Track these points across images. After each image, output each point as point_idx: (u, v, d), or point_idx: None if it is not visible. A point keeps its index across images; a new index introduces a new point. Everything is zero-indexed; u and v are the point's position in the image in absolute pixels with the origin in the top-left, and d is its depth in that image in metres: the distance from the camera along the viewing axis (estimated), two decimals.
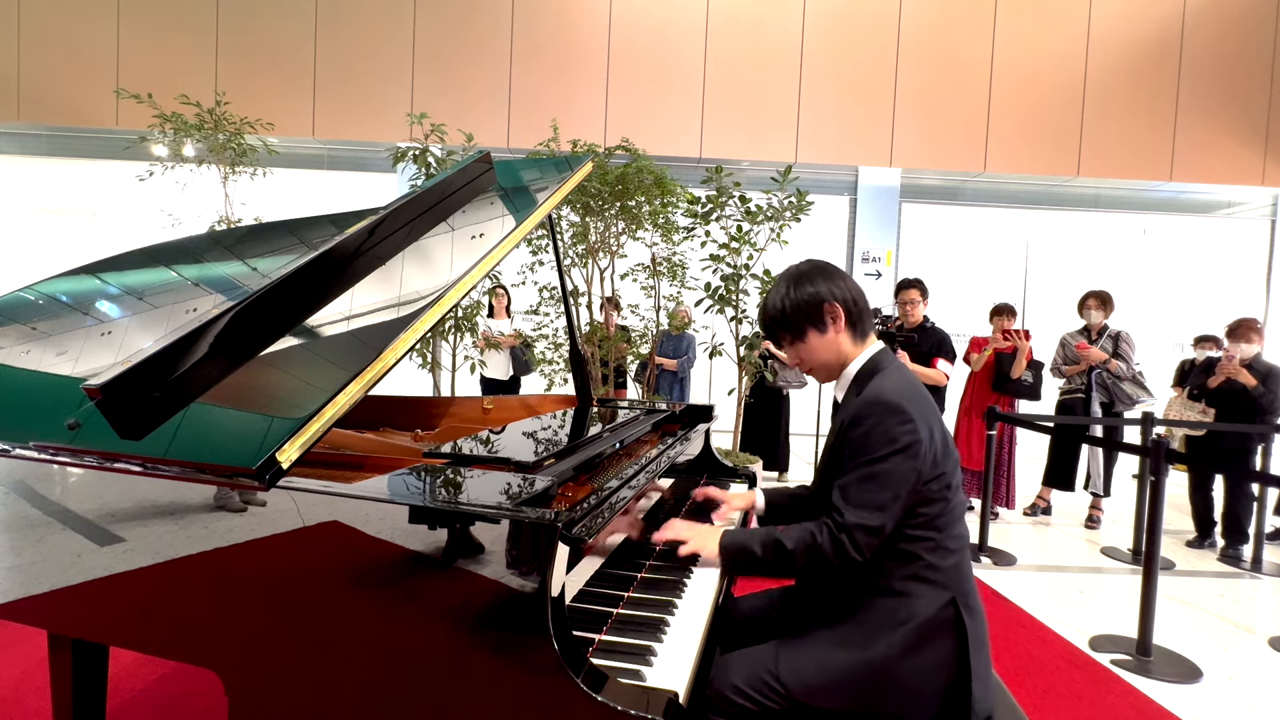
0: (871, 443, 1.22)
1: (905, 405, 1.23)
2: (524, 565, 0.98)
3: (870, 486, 1.21)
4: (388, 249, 1.60)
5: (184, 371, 1.15)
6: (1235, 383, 4.01)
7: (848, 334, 1.37)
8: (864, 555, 1.21)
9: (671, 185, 4.71)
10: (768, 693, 1.22)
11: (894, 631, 1.22)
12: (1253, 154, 7.42)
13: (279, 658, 1.09)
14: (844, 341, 1.37)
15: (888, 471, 1.21)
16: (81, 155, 7.61)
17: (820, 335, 1.36)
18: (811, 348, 1.38)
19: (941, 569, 1.24)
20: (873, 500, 1.21)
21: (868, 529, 1.21)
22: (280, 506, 1.09)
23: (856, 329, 1.37)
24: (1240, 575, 3.83)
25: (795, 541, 1.26)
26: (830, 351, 1.37)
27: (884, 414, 1.22)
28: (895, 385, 1.27)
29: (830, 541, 1.23)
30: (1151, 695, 2.39)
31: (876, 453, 1.22)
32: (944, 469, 1.26)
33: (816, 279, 1.36)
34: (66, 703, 1.48)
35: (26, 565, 1.30)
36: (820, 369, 1.41)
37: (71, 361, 1.52)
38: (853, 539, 1.21)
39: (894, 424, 1.22)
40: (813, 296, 1.35)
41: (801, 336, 1.38)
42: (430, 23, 7.15)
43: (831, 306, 1.34)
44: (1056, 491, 4.92)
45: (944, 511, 1.25)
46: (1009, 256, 8.09)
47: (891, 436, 1.21)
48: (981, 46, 7.30)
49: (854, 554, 1.21)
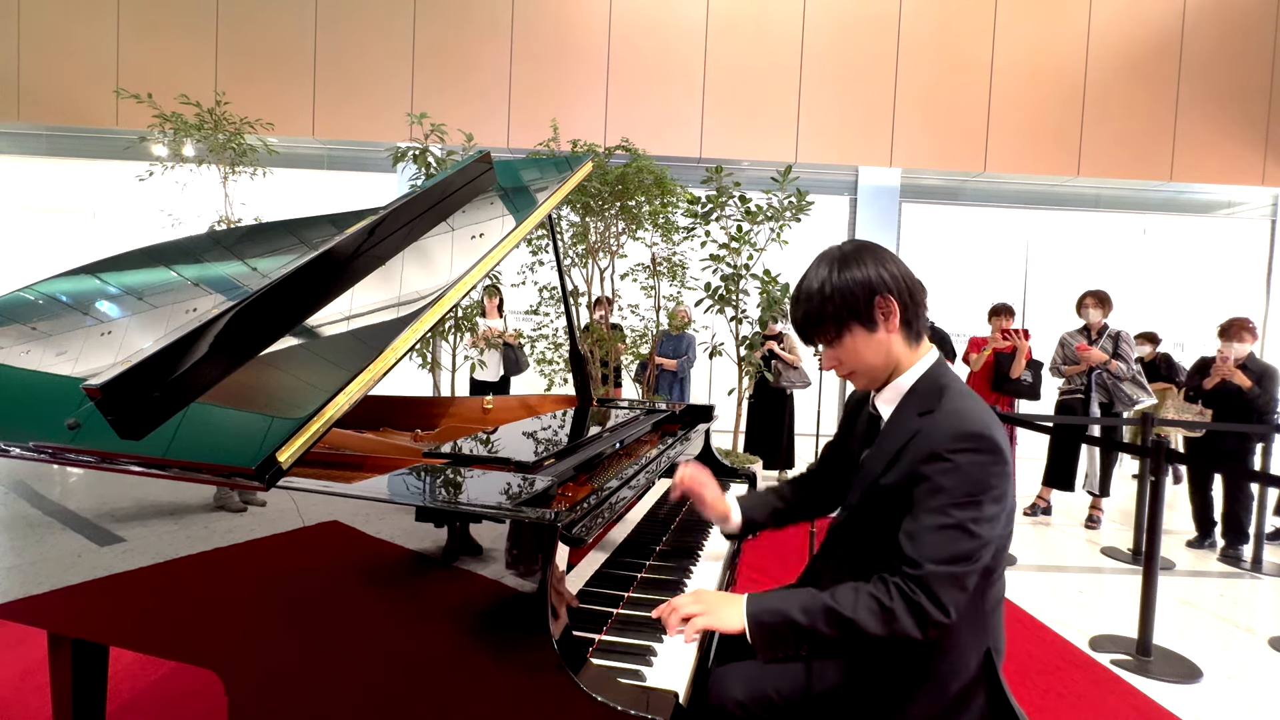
0: (960, 484, 0.99)
1: (1001, 443, 1.01)
2: (524, 565, 0.98)
3: (959, 535, 0.99)
4: (387, 249, 1.60)
5: (184, 371, 1.15)
6: (1230, 383, 4.01)
7: (901, 335, 1.11)
8: (950, 617, 0.98)
9: (671, 185, 4.71)
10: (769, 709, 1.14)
11: (931, 690, 1.08)
12: (1253, 154, 7.42)
13: (279, 658, 1.09)
14: (897, 344, 1.11)
15: (979, 521, 0.99)
16: (81, 155, 7.61)
17: (869, 334, 1.10)
18: (857, 349, 1.12)
19: (985, 621, 1.11)
20: (962, 551, 0.98)
21: (957, 581, 0.98)
22: (280, 506, 1.09)
23: (911, 329, 1.12)
24: (1240, 575, 3.83)
25: (853, 607, 1.00)
26: (880, 355, 1.11)
27: (982, 451, 1.00)
28: (980, 413, 1.04)
29: (906, 607, 0.98)
30: (1151, 695, 2.39)
31: (970, 498, 0.99)
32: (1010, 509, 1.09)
33: (866, 260, 1.10)
34: (66, 703, 1.48)
35: (26, 565, 1.30)
36: (864, 374, 1.15)
37: (71, 361, 1.52)
38: (937, 600, 0.97)
39: (992, 465, 1.00)
40: (862, 284, 1.08)
41: (844, 334, 1.11)
42: (430, 23, 7.15)
43: (885, 300, 1.09)
44: (1056, 491, 4.92)
45: (997, 563, 1.08)
46: (1009, 256, 8.09)
47: (988, 479, 1.00)
48: (982, 46, 7.30)
49: (938, 616, 0.97)
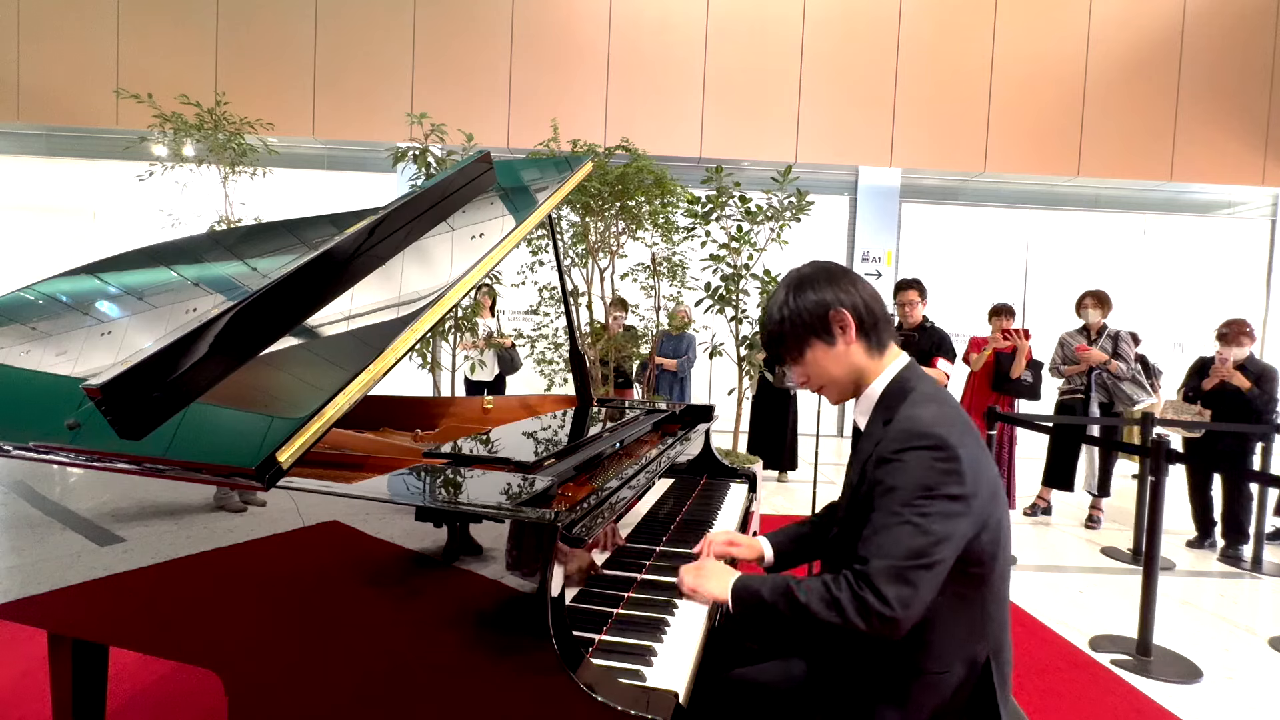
0: (906, 480, 1.03)
1: (950, 440, 1.03)
2: (524, 565, 0.98)
3: (904, 533, 1.01)
4: (387, 249, 1.60)
5: (184, 371, 1.15)
6: (1229, 384, 4.01)
7: (861, 345, 1.18)
8: (892, 610, 0.98)
9: (671, 185, 4.71)
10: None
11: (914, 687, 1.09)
12: (1253, 154, 7.42)
13: (279, 658, 1.09)
14: (857, 354, 1.18)
15: (929, 516, 1.01)
16: (81, 155, 7.62)
17: (828, 348, 1.17)
18: (819, 362, 1.19)
19: (978, 625, 1.09)
20: (906, 547, 1.00)
21: (898, 575, 0.99)
22: (280, 506, 1.09)
23: (871, 339, 1.18)
24: (1240, 575, 3.83)
25: (809, 593, 1.05)
26: (842, 366, 1.18)
27: (924, 448, 1.03)
28: (933, 413, 1.07)
29: (851, 598, 1.01)
30: (1151, 695, 2.39)
31: (910, 492, 1.02)
32: (995, 511, 1.08)
33: (820, 284, 1.18)
34: (66, 703, 1.48)
35: (27, 565, 1.30)
36: (831, 387, 1.22)
37: (71, 361, 1.52)
38: (876, 591, 0.99)
39: (937, 460, 1.02)
40: (816, 303, 1.17)
41: (806, 350, 1.20)
42: (430, 23, 7.16)
43: (839, 314, 1.16)
44: (1056, 491, 4.92)
45: (991, 560, 1.08)
46: (1009, 256, 8.10)
47: (935, 476, 1.02)
48: (981, 47, 7.30)
49: (878, 607, 0.99)
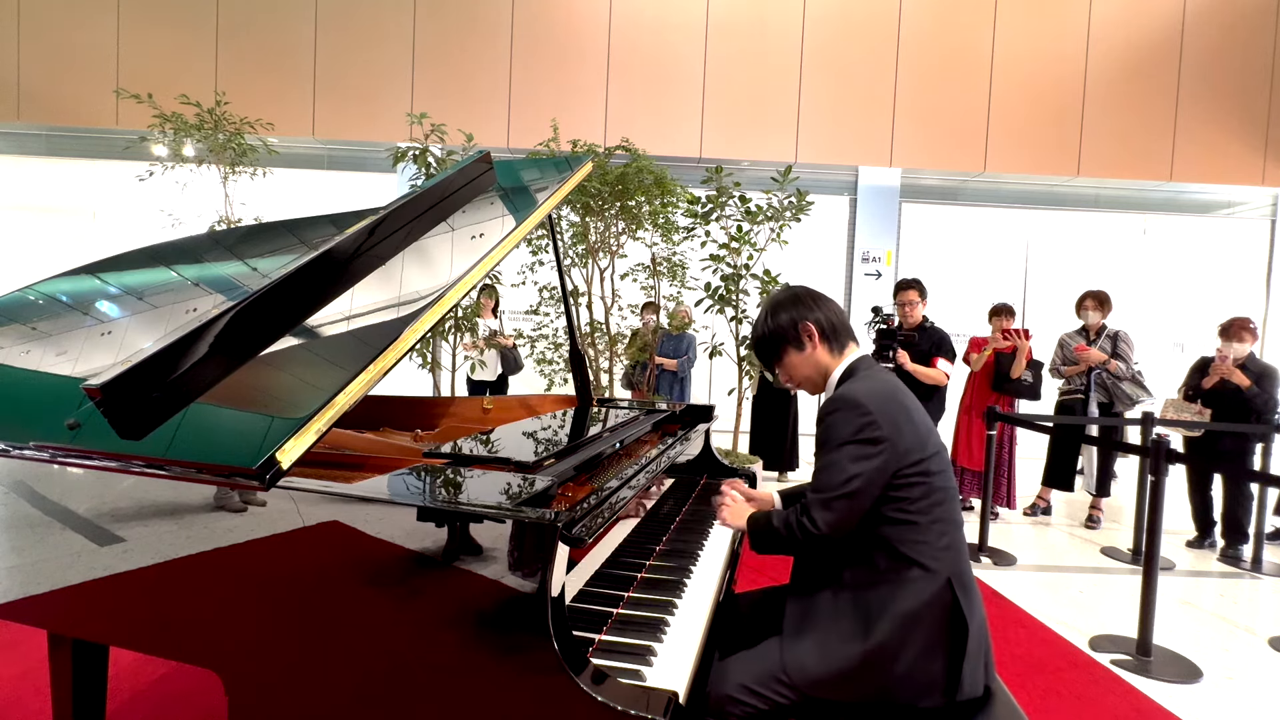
0: (831, 434, 1.33)
1: (864, 401, 1.32)
2: (524, 565, 0.98)
3: (829, 472, 1.31)
4: (387, 249, 1.60)
5: (184, 371, 1.15)
6: (1229, 383, 4.00)
7: (824, 348, 1.47)
8: (819, 529, 1.30)
9: (671, 185, 4.71)
10: (775, 689, 1.26)
11: (891, 619, 1.25)
12: (1253, 154, 7.42)
13: (279, 658, 1.09)
14: (821, 355, 1.47)
15: (841, 457, 1.30)
16: (81, 155, 7.61)
17: (799, 352, 1.48)
18: (793, 364, 1.50)
19: (933, 553, 1.29)
20: (829, 482, 1.30)
21: (822, 503, 1.31)
22: (280, 507, 1.09)
23: (833, 343, 1.48)
24: (1240, 575, 3.83)
25: (781, 520, 1.39)
26: (810, 366, 1.48)
27: (844, 409, 1.33)
28: (862, 386, 1.36)
29: (795, 520, 1.35)
30: (1151, 695, 2.39)
31: (833, 443, 1.32)
32: (920, 456, 1.32)
33: (790, 307, 1.49)
34: (66, 703, 1.48)
35: (27, 565, 1.30)
36: (805, 382, 1.52)
37: (71, 361, 1.52)
38: (810, 516, 1.32)
39: (853, 416, 1.31)
40: (788, 321, 1.48)
41: (783, 356, 1.51)
42: (430, 23, 7.16)
43: (805, 325, 1.46)
44: (1056, 491, 4.92)
45: (925, 495, 1.31)
46: (1009, 256, 8.09)
47: (850, 428, 1.31)
48: (981, 46, 7.30)
49: (810, 528, 1.31)
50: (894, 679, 1.24)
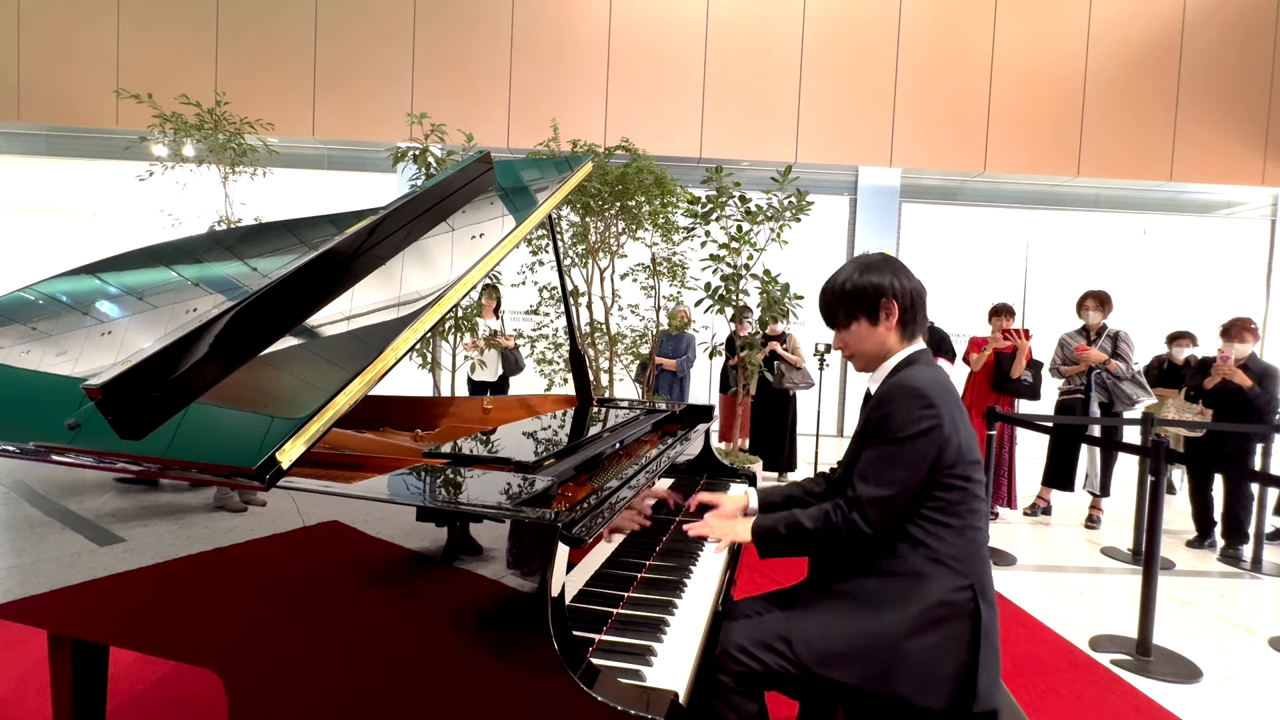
0: (891, 423, 1.26)
1: (929, 392, 1.26)
2: (524, 565, 0.98)
3: (886, 464, 1.25)
4: (387, 249, 1.60)
5: (184, 371, 1.15)
6: (1231, 383, 4.00)
7: (897, 331, 1.39)
8: (873, 528, 1.25)
9: (671, 185, 4.71)
10: (776, 656, 1.25)
11: (905, 608, 1.23)
12: (1253, 154, 7.42)
13: (279, 658, 1.09)
14: (890, 337, 1.39)
15: (903, 451, 1.25)
16: (81, 155, 7.62)
17: (871, 326, 1.39)
18: (860, 335, 1.40)
19: (958, 555, 1.25)
20: (886, 477, 1.25)
21: (879, 501, 1.25)
22: (280, 506, 1.09)
23: (907, 328, 1.39)
24: (1240, 575, 3.83)
25: (812, 520, 1.32)
26: (875, 343, 1.39)
27: (907, 398, 1.26)
28: (925, 376, 1.30)
29: (843, 518, 1.28)
30: (1151, 695, 2.39)
31: (895, 434, 1.25)
32: (970, 458, 1.28)
33: (884, 270, 1.38)
34: (66, 703, 1.48)
35: (27, 565, 1.30)
36: (861, 357, 1.43)
37: (71, 361, 1.52)
38: (863, 513, 1.26)
39: (916, 407, 1.25)
40: (874, 286, 1.37)
41: (852, 323, 1.41)
42: (430, 23, 7.16)
43: (888, 301, 1.36)
44: (1056, 491, 4.92)
45: (963, 500, 1.27)
46: (1009, 256, 8.09)
47: (912, 419, 1.24)
48: (981, 46, 7.30)
49: (864, 527, 1.26)
50: (898, 668, 1.20)
